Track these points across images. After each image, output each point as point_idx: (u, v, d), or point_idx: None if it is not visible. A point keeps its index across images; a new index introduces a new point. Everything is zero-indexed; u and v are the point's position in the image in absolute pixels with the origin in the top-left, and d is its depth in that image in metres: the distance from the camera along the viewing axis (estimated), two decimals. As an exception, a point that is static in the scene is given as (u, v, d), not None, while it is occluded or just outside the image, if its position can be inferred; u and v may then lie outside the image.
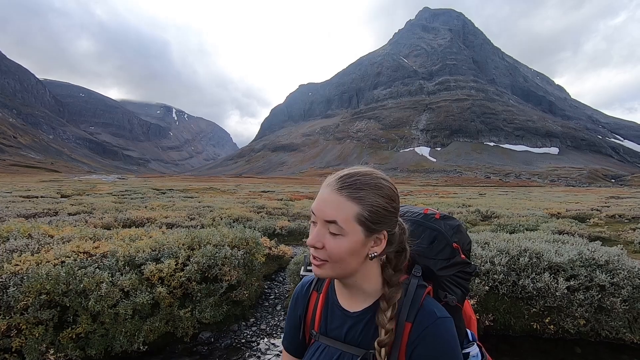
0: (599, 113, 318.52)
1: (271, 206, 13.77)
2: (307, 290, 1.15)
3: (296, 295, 1.19)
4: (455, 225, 1.17)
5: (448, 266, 1.10)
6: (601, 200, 21.75)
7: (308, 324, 1.12)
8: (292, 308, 1.18)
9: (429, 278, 1.08)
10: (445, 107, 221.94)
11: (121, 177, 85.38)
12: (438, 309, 0.95)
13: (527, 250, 4.30)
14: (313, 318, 1.10)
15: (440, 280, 1.10)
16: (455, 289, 1.12)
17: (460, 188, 58.79)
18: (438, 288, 1.10)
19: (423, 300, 0.96)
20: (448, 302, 1.09)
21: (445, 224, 1.15)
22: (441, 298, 1.09)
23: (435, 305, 0.97)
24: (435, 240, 1.12)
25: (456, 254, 1.12)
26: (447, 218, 1.18)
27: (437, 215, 1.17)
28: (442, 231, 1.13)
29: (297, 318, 1.14)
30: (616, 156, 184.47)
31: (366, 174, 0.95)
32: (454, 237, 1.14)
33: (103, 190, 23.75)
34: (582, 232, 8.51)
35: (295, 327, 1.15)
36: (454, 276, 1.12)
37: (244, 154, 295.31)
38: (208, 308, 3.81)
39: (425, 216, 1.18)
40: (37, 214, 9.48)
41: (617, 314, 3.65)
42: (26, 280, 3.17)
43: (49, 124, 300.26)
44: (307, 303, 1.14)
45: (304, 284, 1.19)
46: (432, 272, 1.09)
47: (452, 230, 1.15)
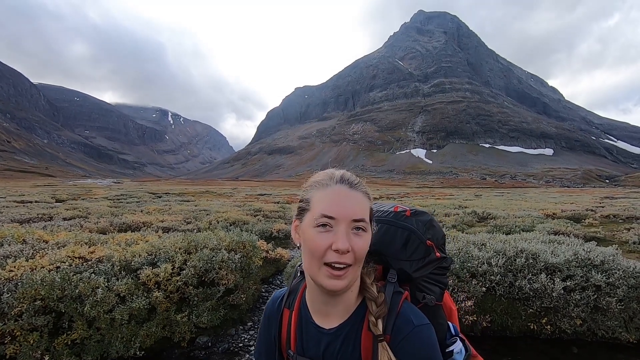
0: (593, 114, 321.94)
1: (268, 209, 13.73)
2: (279, 308, 1.10)
3: (268, 312, 1.13)
4: (427, 221, 1.13)
5: (423, 266, 1.07)
6: (596, 201, 21.92)
7: (283, 344, 1.08)
8: (264, 327, 1.13)
9: (404, 281, 1.05)
10: (441, 109, 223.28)
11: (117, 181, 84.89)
12: (415, 316, 0.92)
13: (524, 251, 4.32)
14: (288, 338, 1.05)
15: (417, 281, 1.07)
16: (433, 287, 1.09)
17: (457, 189, 59.03)
18: (415, 290, 1.07)
19: (400, 308, 0.93)
20: (427, 303, 1.07)
21: (417, 221, 1.11)
22: (419, 300, 1.07)
23: (413, 311, 0.94)
24: (409, 240, 1.07)
25: (431, 252, 1.08)
26: (418, 214, 1.14)
27: (408, 213, 1.13)
28: (414, 229, 1.09)
29: (272, 338, 1.10)
30: (610, 157, 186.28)
31: (347, 172, 0.97)
32: (426, 233, 1.10)
33: (98, 195, 23.57)
34: (578, 232, 8.56)
35: (270, 347, 1.10)
36: (431, 274, 1.09)
37: (240, 157, 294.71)
38: (205, 312, 3.79)
39: (395, 215, 1.13)
40: (31, 219, 9.38)
41: (613, 313, 3.67)
42: (20, 286, 3.14)
43: (44, 129, 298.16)
44: (279, 322, 1.09)
45: (274, 300, 1.13)
46: (408, 274, 1.05)
47: (425, 227, 1.11)
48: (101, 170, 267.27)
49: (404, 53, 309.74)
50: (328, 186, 0.91)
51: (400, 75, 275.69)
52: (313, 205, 0.90)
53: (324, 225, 0.86)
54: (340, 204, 0.87)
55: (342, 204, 0.87)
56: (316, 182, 0.94)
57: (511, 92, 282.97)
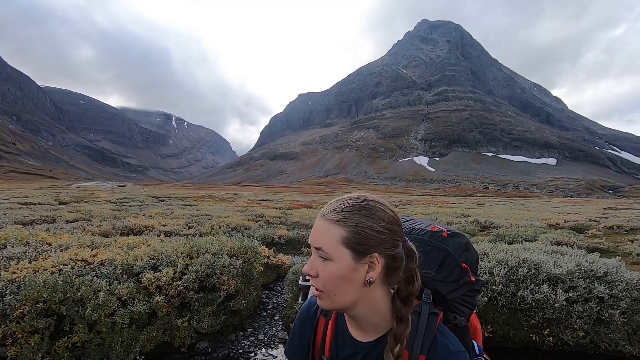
0: (596, 124, 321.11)
1: (270, 215, 13.74)
2: (315, 314, 1.12)
3: (303, 316, 1.15)
4: (463, 243, 1.13)
5: (457, 288, 1.07)
6: (599, 211, 21.77)
7: (318, 348, 1.10)
8: (299, 328, 1.15)
9: (437, 301, 1.05)
10: (444, 117, 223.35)
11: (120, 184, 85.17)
12: (452, 342, 0.92)
13: (526, 261, 4.30)
14: (323, 343, 1.07)
15: (450, 302, 1.07)
16: (463, 308, 1.09)
17: (459, 198, 58.83)
18: (447, 310, 1.07)
19: (436, 331, 0.93)
20: (457, 324, 1.08)
21: (453, 243, 1.11)
22: (450, 320, 1.07)
23: (448, 336, 0.94)
24: (445, 262, 1.08)
25: (465, 275, 1.09)
26: (455, 235, 1.13)
27: (445, 234, 1.12)
28: (450, 251, 1.09)
29: (306, 341, 1.12)
30: (613, 167, 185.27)
31: (353, 197, 0.93)
32: (462, 256, 1.09)
33: (101, 198, 23.68)
34: (581, 243, 8.51)
35: (304, 348, 1.13)
36: (463, 295, 1.09)
37: (243, 162, 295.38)
38: (206, 317, 3.78)
39: (432, 234, 1.12)
40: (34, 221, 9.43)
41: (616, 326, 3.64)
42: (23, 288, 3.16)
43: (49, 131, 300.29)
44: (315, 327, 1.11)
45: (310, 305, 1.15)
46: (442, 295, 1.05)
47: (461, 249, 1.11)
48: (105, 173, 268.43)
49: (407, 61, 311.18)
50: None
51: (403, 83, 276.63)
52: None
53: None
54: (312, 233, 0.95)
55: (311, 234, 0.94)
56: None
57: (514, 102, 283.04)
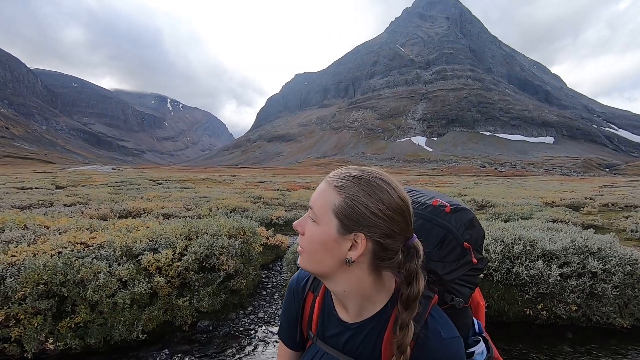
0: (595, 102, 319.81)
1: (268, 196, 13.77)
2: (304, 288, 1.09)
3: (292, 288, 1.12)
4: (468, 220, 1.03)
5: (456, 269, 0.99)
6: (595, 189, 21.97)
7: (305, 322, 1.08)
8: (288, 300, 1.13)
9: (434, 282, 0.98)
10: (442, 96, 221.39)
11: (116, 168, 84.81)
12: (444, 328, 0.86)
13: (522, 238, 4.35)
14: (310, 319, 1.05)
15: (447, 283, 0.99)
16: (463, 288, 1.02)
17: (456, 178, 59.08)
18: (444, 291, 1.00)
19: (427, 315, 0.86)
20: (454, 305, 1.00)
21: (456, 219, 1.02)
22: (447, 301, 1.00)
23: (441, 321, 0.87)
24: (445, 240, 1.00)
25: (466, 254, 1.00)
26: (459, 210, 1.04)
27: (448, 209, 1.03)
28: (452, 229, 1.00)
29: (294, 314, 1.09)
30: (611, 145, 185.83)
31: (364, 170, 0.87)
32: (465, 234, 1.01)
33: (98, 182, 23.60)
34: (576, 220, 8.62)
35: (292, 322, 1.10)
36: (464, 275, 1.01)
37: (240, 145, 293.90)
38: (206, 297, 3.84)
39: (433, 210, 1.04)
40: (32, 205, 9.42)
41: (608, 299, 3.73)
42: (23, 271, 3.17)
43: (42, 115, 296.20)
44: (303, 303, 1.08)
45: (300, 279, 1.12)
46: (439, 276, 0.98)
47: (464, 227, 1.02)
48: (100, 157, 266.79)
49: (405, 39, 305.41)
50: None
51: (401, 62, 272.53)
52: None
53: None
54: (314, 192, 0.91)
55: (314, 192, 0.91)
56: None
57: (513, 80, 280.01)
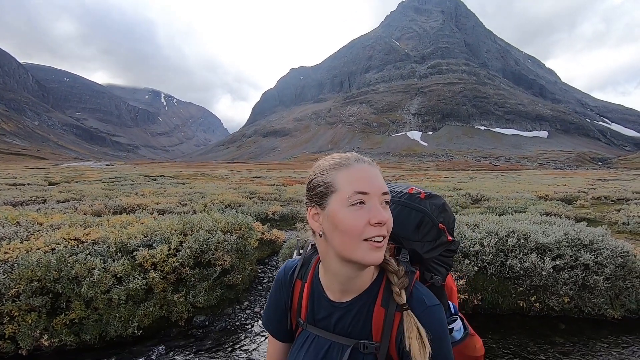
0: (588, 96, 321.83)
1: (263, 191, 13.74)
2: (291, 278, 1.13)
3: (279, 281, 1.16)
4: (440, 204, 1.15)
5: (434, 248, 1.09)
6: (588, 183, 22.19)
7: (294, 311, 1.11)
8: (275, 293, 1.16)
9: (415, 261, 1.08)
10: (437, 90, 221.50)
11: (110, 163, 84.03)
12: (427, 297, 0.95)
13: (515, 232, 4.40)
14: (299, 307, 1.08)
15: (427, 262, 1.09)
16: (440, 268, 1.12)
17: (451, 172, 59.32)
18: (424, 270, 1.10)
19: (412, 287, 0.95)
20: (434, 283, 1.10)
21: (430, 204, 1.13)
22: (427, 279, 1.09)
23: (424, 292, 0.97)
24: (422, 222, 1.09)
25: (442, 235, 1.11)
26: (432, 197, 1.15)
27: (422, 195, 1.14)
28: (427, 212, 1.10)
29: (282, 305, 1.13)
30: (603, 139, 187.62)
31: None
32: (439, 217, 1.12)
33: (92, 177, 23.37)
34: (569, 213, 8.71)
35: (280, 313, 1.13)
36: (440, 256, 1.11)
37: (235, 140, 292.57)
38: (202, 292, 3.84)
39: (410, 196, 1.14)
40: (24, 202, 9.32)
41: (599, 291, 3.79)
42: (16, 268, 3.15)
43: (34, 110, 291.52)
44: (292, 291, 1.11)
45: (287, 270, 1.15)
46: (419, 255, 1.07)
47: (438, 210, 1.13)
48: (94, 153, 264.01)
49: (400, 33, 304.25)
50: (350, 166, 0.91)
51: (396, 56, 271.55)
52: (340, 186, 0.90)
53: (361, 202, 0.87)
54: (370, 180, 0.89)
55: (371, 180, 0.89)
56: (333, 164, 0.94)
57: (508, 74, 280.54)
